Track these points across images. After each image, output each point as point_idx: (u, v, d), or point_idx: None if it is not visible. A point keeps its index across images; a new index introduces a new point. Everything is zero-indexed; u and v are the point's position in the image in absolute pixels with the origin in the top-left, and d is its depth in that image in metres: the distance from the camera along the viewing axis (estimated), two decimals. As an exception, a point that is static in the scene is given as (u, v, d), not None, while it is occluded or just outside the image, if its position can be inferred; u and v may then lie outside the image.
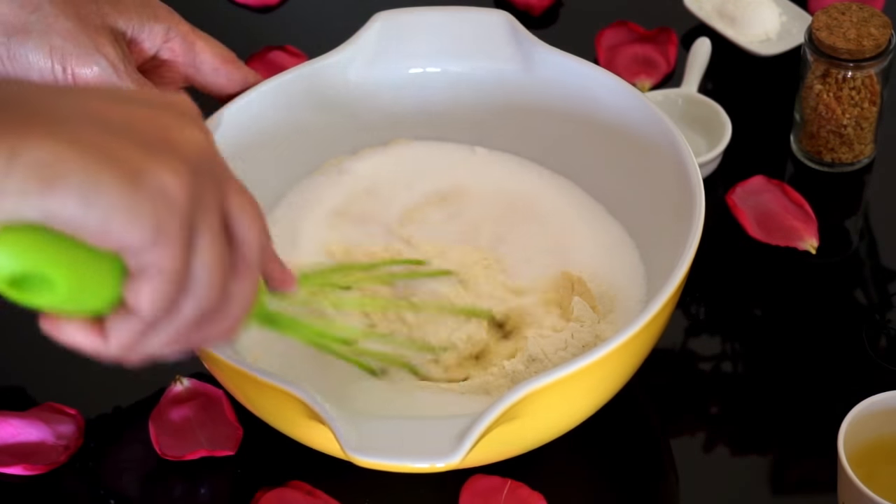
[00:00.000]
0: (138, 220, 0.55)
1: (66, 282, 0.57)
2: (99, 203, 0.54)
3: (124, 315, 0.59)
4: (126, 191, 0.55)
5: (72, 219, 0.54)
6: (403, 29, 0.93)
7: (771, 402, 0.87)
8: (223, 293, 0.60)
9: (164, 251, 0.56)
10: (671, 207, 0.84)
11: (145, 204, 0.55)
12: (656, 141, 0.87)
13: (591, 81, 0.91)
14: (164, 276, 0.57)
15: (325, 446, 0.76)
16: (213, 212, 0.59)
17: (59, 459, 0.84)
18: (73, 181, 0.54)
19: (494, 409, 0.69)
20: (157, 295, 0.58)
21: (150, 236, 0.56)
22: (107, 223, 0.55)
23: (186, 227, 0.57)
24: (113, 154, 0.55)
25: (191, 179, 0.57)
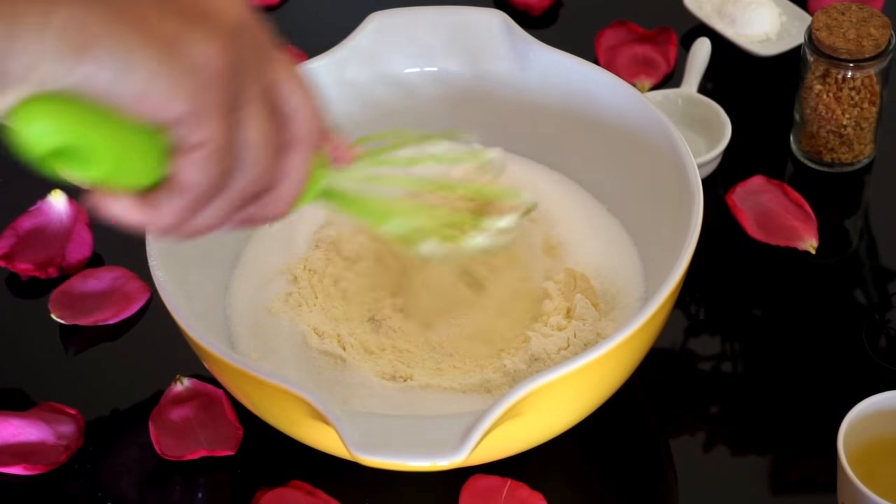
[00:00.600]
0: (176, 90, 0.54)
1: (108, 153, 0.55)
2: (134, 71, 0.53)
3: (173, 189, 0.57)
4: (162, 59, 0.53)
5: (108, 86, 0.53)
6: (399, 28, 0.93)
7: (771, 402, 0.87)
8: (274, 169, 0.58)
9: (204, 123, 0.55)
10: (670, 207, 0.84)
11: (183, 74, 0.54)
12: (654, 140, 0.87)
13: (588, 80, 0.91)
14: (207, 150, 0.56)
15: (327, 446, 0.76)
16: (256, 83, 0.57)
17: (60, 459, 0.84)
18: (107, 46, 0.52)
19: (499, 406, 0.69)
20: (202, 169, 0.56)
21: (189, 107, 0.54)
22: (144, 92, 0.53)
23: (227, 98, 0.55)
24: (148, 22, 0.53)
25: (230, 49, 0.55)
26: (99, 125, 0.55)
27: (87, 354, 0.92)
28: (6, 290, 0.96)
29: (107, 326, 0.92)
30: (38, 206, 0.98)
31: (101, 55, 0.52)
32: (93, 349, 0.92)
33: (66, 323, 0.92)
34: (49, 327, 0.92)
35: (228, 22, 0.56)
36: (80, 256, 0.96)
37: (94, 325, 0.92)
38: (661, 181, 0.86)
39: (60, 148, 0.55)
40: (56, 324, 0.92)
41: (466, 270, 0.82)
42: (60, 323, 0.92)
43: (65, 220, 0.98)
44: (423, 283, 0.86)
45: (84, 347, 0.92)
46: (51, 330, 0.92)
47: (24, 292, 0.95)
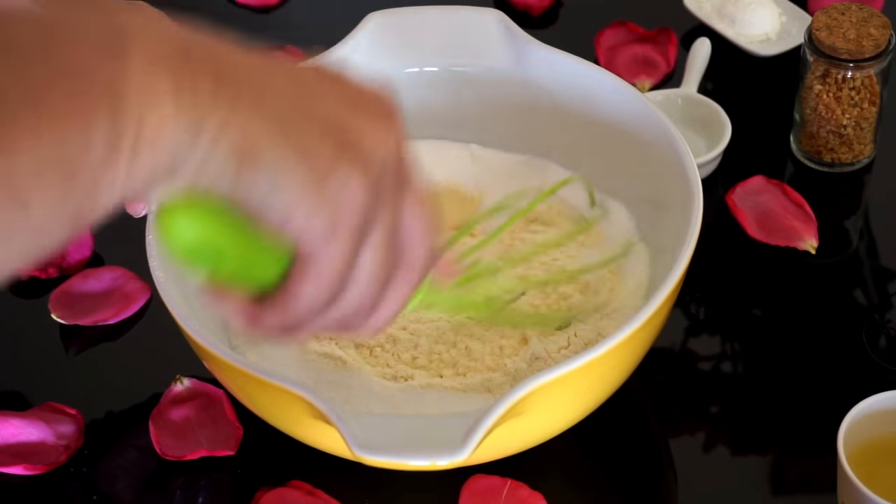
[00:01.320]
0: (318, 213, 0.56)
1: (236, 258, 0.59)
2: (286, 191, 0.56)
3: (283, 299, 0.60)
4: (312, 185, 0.56)
5: (255, 199, 0.56)
6: (397, 28, 0.93)
7: (771, 402, 0.87)
8: (381, 294, 0.61)
9: (335, 246, 0.58)
10: (670, 206, 0.84)
11: (328, 200, 0.56)
12: (655, 140, 0.87)
13: (586, 79, 0.91)
14: (330, 269, 0.58)
15: (329, 446, 0.76)
16: (387, 216, 0.60)
17: (60, 459, 0.84)
18: (268, 166, 0.55)
19: (500, 405, 0.69)
20: (320, 285, 0.59)
21: (326, 231, 0.57)
22: (289, 211, 0.56)
23: (360, 227, 0.58)
24: (308, 145, 0.56)
25: (373, 184, 0.58)
26: (234, 231, 0.58)
27: (87, 354, 0.92)
28: (6, 290, 0.96)
29: (107, 326, 0.92)
30: (38, 206, 0.98)
31: (259, 175, 0.55)
32: (93, 349, 0.92)
33: (66, 323, 0.92)
34: (49, 327, 0.92)
35: (379, 157, 0.59)
36: (80, 256, 0.96)
37: (94, 325, 0.92)
38: (661, 181, 0.86)
39: (195, 244, 0.58)
40: (56, 324, 0.92)
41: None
42: (60, 323, 0.92)
43: (65, 220, 0.98)
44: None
45: (84, 347, 0.92)
46: (51, 330, 0.92)
47: (24, 292, 0.95)
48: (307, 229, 0.57)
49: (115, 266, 0.95)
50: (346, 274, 0.59)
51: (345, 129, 0.58)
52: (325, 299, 0.60)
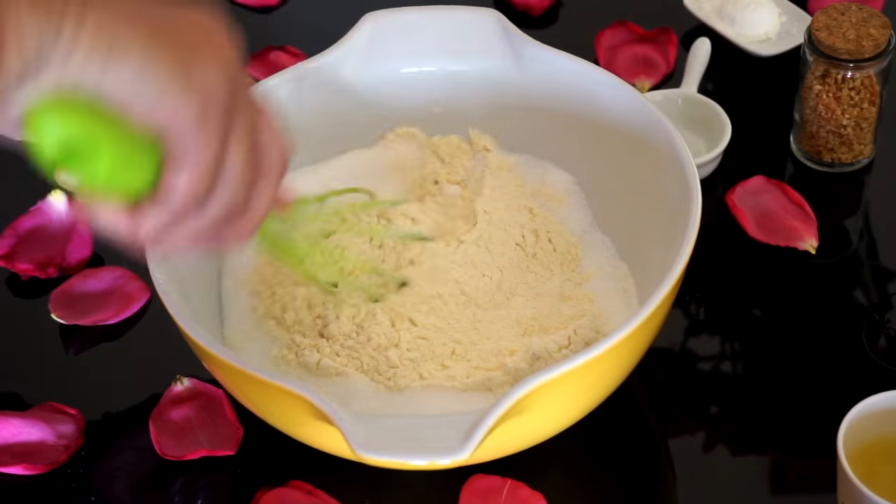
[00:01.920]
0: (186, 103, 0.59)
1: (108, 156, 0.60)
2: (152, 82, 0.58)
3: (159, 199, 0.62)
4: (177, 75, 0.59)
5: (124, 92, 0.58)
6: (394, 28, 0.93)
7: (771, 402, 0.87)
8: (247, 195, 0.64)
9: (204, 138, 0.60)
10: (669, 206, 0.84)
11: (193, 90, 0.59)
12: (654, 140, 0.87)
13: (586, 80, 0.91)
14: (201, 162, 0.61)
15: (329, 446, 0.76)
16: (243, 116, 0.62)
17: (60, 459, 0.84)
18: (133, 56, 0.57)
19: (501, 404, 0.69)
20: (193, 180, 0.61)
21: (195, 121, 0.59)
22: (157, 102, 0.59)
23: (223, 123, 0.61)
24: (165, 42, 0.59)
25: (231, 79, 0.61)
26: (104, 128, 0.60)
27: (87, 354, 0.92)
28: (6, 290, 0.96)
29: (107, 326, 0.92)
30: (38, 206, 0.98)
31: (124, 66, 0.58)
32: (93, 349, 0.92)
33: (66, 323, 0.92)
34: (49, 327, 0.92)
35: (230, 57, 0.62)
36: (80, 256, 0.96)
37: (94, 325, 0.92)
38: (660, 181, 0.86)
39: (65, 146, 0.59)
40: (56, 324, 0.92)
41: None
42: (60, 323, 0.92)
43: (65, 220, 0.98)
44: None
45: (84, 347, 0.92)
46: (51, 330, 0.92)
47: (24, 292, 0.95)
48: (177, 118, 0.59)
49: (115, 266, 0.95)
50: (215, 168, 0.61)
51: (192, 29, 0.61)
52: (199, 199, 0.62)
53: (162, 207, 0.62)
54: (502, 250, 0.88)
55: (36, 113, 0.59)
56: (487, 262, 0.87)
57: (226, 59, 0.62)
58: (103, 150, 0.60)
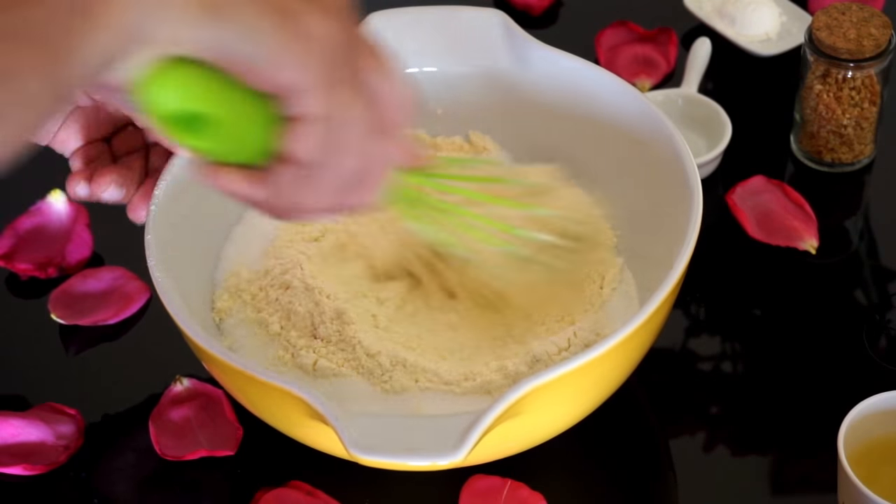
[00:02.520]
0: (295, 60, 0.57)
1: (227, 123, 0.59)
2: (259, 37, 0.56)
3: (282, 163, 0.61)
4: (285, 29, 0.57)
5: (233, 50, 0.56)
6: (398, 29, 0.93)
7: (771, 402, 0.87)
8: (369, 151, 0.62)
9: (318, 96, 0.59)
10: (670, 207, 0.84)
11: (302, 45, 0.57)
12: (655, 140, 0.87)
13: (587, 80, 0.91)
14: (317, 123, 0.59)
15: (326, 446, 0.76)
16: (358, 67, 0.61)
17: (59, 459, 0.84)
18: (236, 12, 0.55)
19: (497, 405, 0.69)
20: (317, 139, 0.60)
21: (305, 78, 0.58)
22: (266, 59, 0.57)
23: (338, 76, 0.59)
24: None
25: (340, 33, 0.59)
26: (220, 94, 0.58)
27: (87, 354, 0.92)
28: (6, 290, 0.96)
29: (107, 326, 0.92)
30: (38, 206, 0.98)
31: (230, 19, 0.55)
32: (93, 349, 0.92)
33: (66, 323, 0.92)
34: (49, 327, 0.92)
35: (338, 6, 0.60)
36: (80, 256, 0.96)
37: (94, 325, 0.92)
38: (660, 180, 0.86)
39: (182, 114, 0.58)
40: (56, 324, 0.92)
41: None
42: (60, 323, 0.92)
43: (65, 220, 0.98)
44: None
45: (84, 347, 0.92)
46: (51, 330, 0.92)
47: (24, 292, 0.95)
48: (289, 79, 0.58)
49: (115, 266, 0.95)
50: (336, 128, 0.60)
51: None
52: (320, 159, 0.60)
53: (287, 170, 0.61)
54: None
55: (146, 80, 0.57)
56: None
57: (336, 7, 0.60)
58: (222, 117, 0.58)
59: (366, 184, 0.64)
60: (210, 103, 0.58)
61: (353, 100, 0.61)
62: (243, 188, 0.62)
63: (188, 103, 0.58)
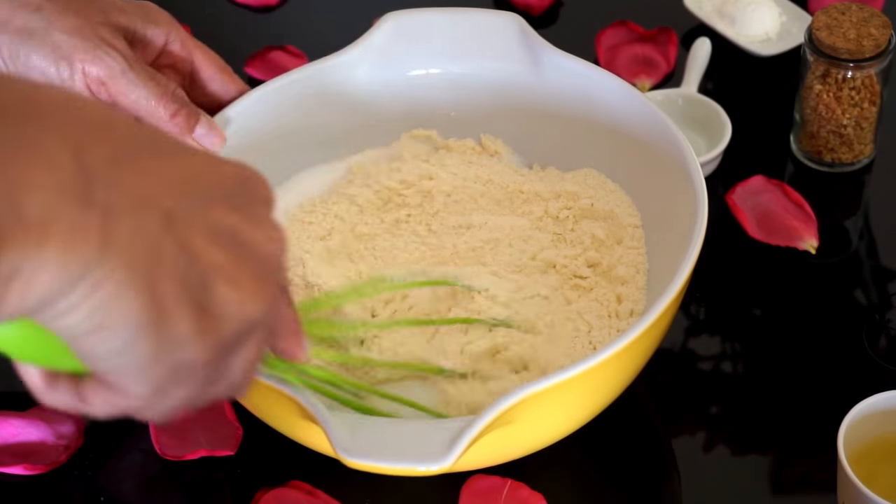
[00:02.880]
0: (145, 382, 0.52)
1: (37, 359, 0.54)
2: (129, 357, 0.51)
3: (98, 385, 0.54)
4: (155, 358, 0.51)
5: (86, 351, 0.50)
6: (413, 29, 0.93)
7: (771, 402, 0.87)
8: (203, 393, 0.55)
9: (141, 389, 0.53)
10: (673, 208, 0.84)
11: (163, 375, 0.52)
12: (659, 142, 0.87)
13: (596, 84, 0.91)
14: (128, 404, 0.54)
15: (321, 447, 0.75)
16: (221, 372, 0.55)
17: (59, 459, 0.84)
18: (122, 336, 0.50)
19: (487, 413, 0.68)
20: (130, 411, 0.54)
21: (147, 394, 0.53)
22: (117, 374, 0.52)
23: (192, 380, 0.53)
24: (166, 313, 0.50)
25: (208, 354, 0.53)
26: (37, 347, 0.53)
27: (87, 354, 0.92)
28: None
29: (107, 326, 0.92)
30: (38, 206, 0.98)
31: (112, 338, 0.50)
32: (93, 349, 0.92)
33: (66, 323, 0.91)
34: (49, 327, 0.92)
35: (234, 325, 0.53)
36: (80, 256, 0.96)
37: (94, 325, 0.92)
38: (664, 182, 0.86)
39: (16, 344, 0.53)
40: (56, 324, 0.92)
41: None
42: (60, 323, 0.92)
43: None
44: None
45: (84, 347, 0.92)
46: (51, 330, 0.92)
47: (24, 292, 0.95)
48: (132, 389, 0.52)
49: (115, 266, 0.95)
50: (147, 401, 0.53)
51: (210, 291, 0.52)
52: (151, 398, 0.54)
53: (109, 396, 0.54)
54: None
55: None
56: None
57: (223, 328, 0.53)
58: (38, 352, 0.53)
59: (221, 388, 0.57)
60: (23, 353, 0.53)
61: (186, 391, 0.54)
62: (65, 401, 0.55)
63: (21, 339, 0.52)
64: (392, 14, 0.93)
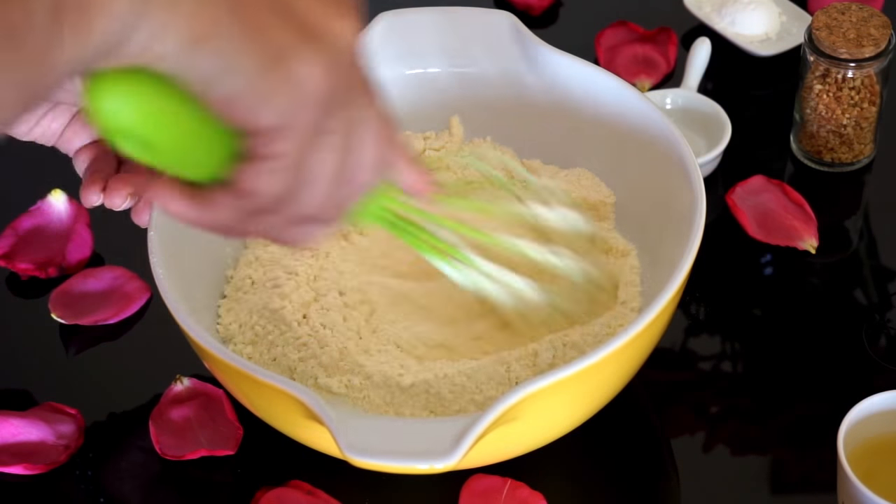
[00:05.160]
0: (269, 103, 0.54)
1: (174, 146, 0.56)
2: (238, 74, 0.53)
3: (233, 193, 0.58)
4: (267, 70, 0.54)
5: (208, 81, 0.53)
6: (407, 29, 0.93)
7: (771, 402, 0.87)
8: (332, 199, 0.59)
9: (287, 139, 0.56)
10: (672, 208, 0.84)
11: (281, 88, 0.54)
12: (657, 141, 0.87)
13: (593, 83, 0.91)
14: (281, 166, 0.56)
15: (323, 446, 0.76)
16: (343, 114, 0.57)
17: (60, 459, 0.84)
18: (221, 44, 0.52)
19: (492, 410, 0.68)
20: (269, 182, 0.57)
21: (277, 122, 0.55)
22: (239, 97, 0.54)
23: (315, 121, 0.56)
24: (266, 30, 0.54)
25: (332, 75, 0.56)
26: (174, 116, 0.55)
27: (87, 354, 0.92)
28: (6, 290, 0.96)
29: (107, 326, 0.92)
30: (38, 205, 0.98)
31: (213, 50, 0.52)
32: (93, 349, 0.92)
33: (66, 323, 0.92)
34: (49, 327, 0.92)
35: (338, 48, 0.56)
36: (80, 256, 0.96)
37: (94, 325, 0.92)
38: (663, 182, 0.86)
39: (127, 126, 0.55)
40: (56, 324, 0.92)
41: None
42: (60, 323, 0.92)
43: (65, 220, 0.98)
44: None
45: (84, 347, 0.92)
46: (51, 330, 0.92)
47: (24, 292, 0.95)
48: (259, 121, 0.55)
49: (115, 266, 0.95)
50: (299, 173, 0.57)
51: (307, 10, 0.56)
52: (275, 198, 0.58)
53: (235, 201, 0.58)
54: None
55: (101, 79, 0.54)
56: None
57: (335, 50, 0.56)
58: (169, 140, 0.56)
59: (316, 225, 0.61)
60: (157, 126, 0.55)
61: (330, 153, 0.58)
62: (185, 209, 0.59)
63: (133, 120, 0.55)
64: (384, 14, 0.93)
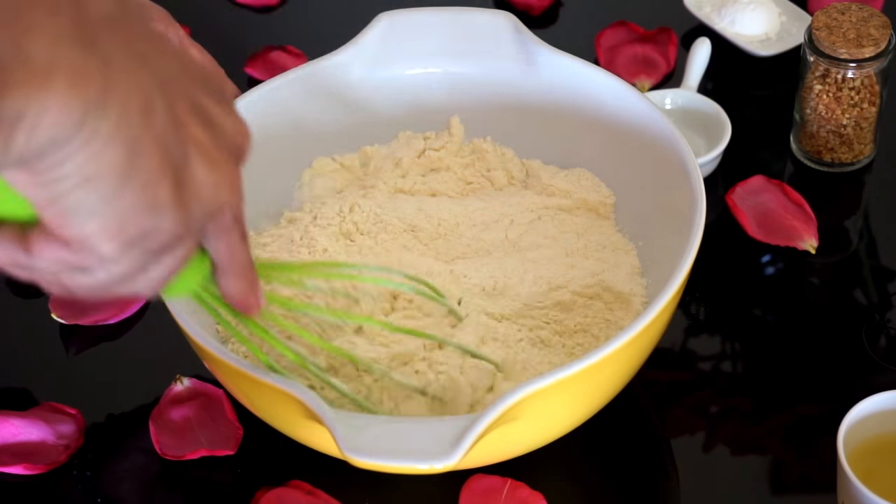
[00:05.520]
0: (114, 240, 0.53)
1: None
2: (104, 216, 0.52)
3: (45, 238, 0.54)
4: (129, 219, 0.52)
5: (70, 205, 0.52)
6: (407, 29, 0.93)
7: (771, 401, 0.87)
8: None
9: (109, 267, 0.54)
10: (672, 208, 0.84)
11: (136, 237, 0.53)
12: (657, 142, 0.87)
13: (593, 83, 0.91)
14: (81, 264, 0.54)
15: (323, 447, 0.76)
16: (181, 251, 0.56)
17: (60, 459, 0.84)
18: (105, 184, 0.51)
19: (492, 410, 0.68)
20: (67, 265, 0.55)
21: (111, 254, 0.54)
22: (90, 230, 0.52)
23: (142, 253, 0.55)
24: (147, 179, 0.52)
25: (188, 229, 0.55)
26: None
27: (87, 354, 0.92)
28: (6, 290, 0.96)
29: (107, 326, 0.92)
30: (38, 206, 0.98)
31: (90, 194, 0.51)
32: (93, 349, 0.92)
33: (66, 323, 0.92)
34: (49, 327, 0.92)
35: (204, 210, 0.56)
36: (80, 256, 0.96)
37: (94, 325, 0.92)
38: (662, 182, 0.86)
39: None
40: (56, 324, 0.92)
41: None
42: (60, 323, 0.92)
43: (65, 220, 0.98)
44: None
45: (84, 347, 0.92)
46: (51, 330, 0.92)
47: (24, 292, 0.95)
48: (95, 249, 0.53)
49: (115, 266, 0.95)
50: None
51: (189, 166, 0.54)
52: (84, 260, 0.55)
53: (56, 249, 0.54)
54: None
55: None
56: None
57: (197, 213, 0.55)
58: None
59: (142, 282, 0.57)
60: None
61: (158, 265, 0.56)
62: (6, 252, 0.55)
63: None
64: (385, 14, 0.93)
